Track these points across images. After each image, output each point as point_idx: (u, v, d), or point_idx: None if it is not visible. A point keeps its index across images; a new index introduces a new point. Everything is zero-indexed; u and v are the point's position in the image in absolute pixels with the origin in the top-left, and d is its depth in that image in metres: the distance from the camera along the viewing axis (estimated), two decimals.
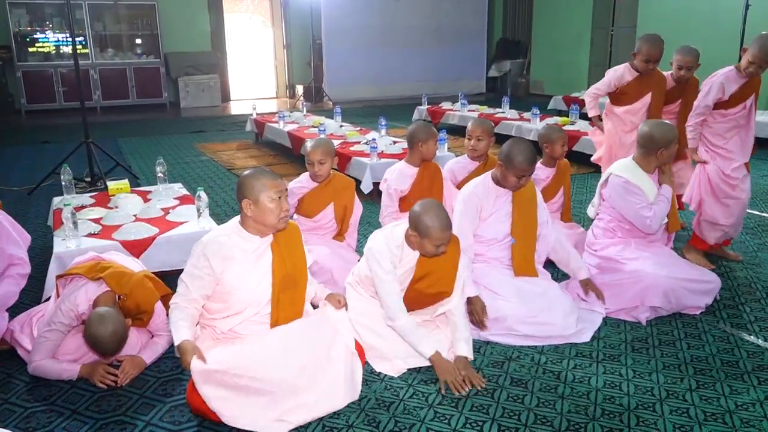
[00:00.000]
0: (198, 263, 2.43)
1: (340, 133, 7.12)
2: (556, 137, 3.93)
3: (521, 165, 3.11)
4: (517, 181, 3.17)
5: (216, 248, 2.44)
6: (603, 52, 12.68)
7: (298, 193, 3.65)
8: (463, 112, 9.10)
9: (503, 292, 3.10)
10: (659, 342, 3.00)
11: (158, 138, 9.35)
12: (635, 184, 3.31)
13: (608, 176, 3.43)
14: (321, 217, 3.64)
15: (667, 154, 3.31)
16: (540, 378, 2.69)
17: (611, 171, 3.43)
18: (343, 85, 13.70)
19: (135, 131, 9.95)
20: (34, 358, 2.68)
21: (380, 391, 2.60)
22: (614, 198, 3.38)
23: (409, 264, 2.77)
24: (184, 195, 4.55)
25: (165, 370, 2.78)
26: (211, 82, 13.20)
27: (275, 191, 2.45)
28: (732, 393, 2.56)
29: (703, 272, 3.34)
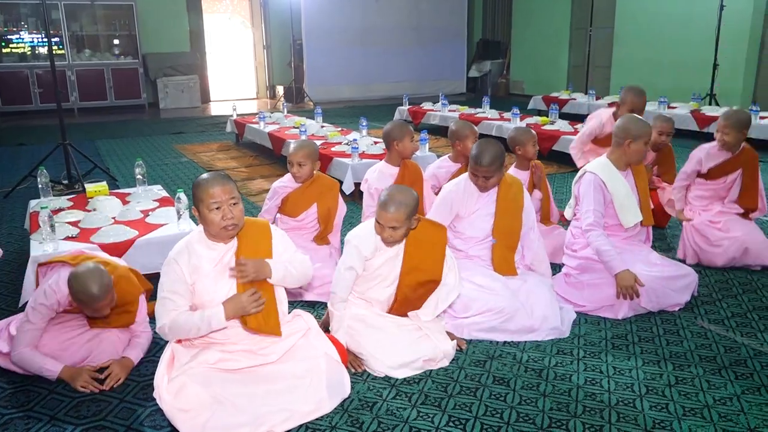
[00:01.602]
0: (173, 276, 2.39)
1: (321, 134, 7.11)
2: (525, 139, 3.92)
3: (473, 163, 3.16)
4: (476, 180, 3.19)
5: (185, 258, 2.41)
6: (581, 52, 12.81)
7: (281, 192, 3.67)
8: (443, 113, 9.13)
9: (488, 286, 3.11)
10: (639, 339, 3.03)
11: (137, 139, 9.26)
12: (601, 184, 3.36)
13: (583, 173, 3.48)
14: (304, 216, 3.65)
15: (635, 149, 3.34)
16: (522, 376, 2.71)
17: (586, 168, 3.48)
18: (323, 85, 13.68)
19: (113, 133, 9.85)
20: (17, 347, 2.65)
21: (363, 392, 2.60)
22: (581, 193, 3.43)
23: (387, 254, 2.78)
24: (164, 197, 4.52)
25: (146, 373, 2.75)
26: (191, 82, 13.10)
27: (213, 201, 2.35)
28: (710, 388, 2.60)
29: (680, 267, 3.39)
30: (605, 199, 3.40)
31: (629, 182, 3.44)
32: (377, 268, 2.81)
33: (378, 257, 2.80)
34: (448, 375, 2.72)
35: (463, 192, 3.28)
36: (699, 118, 8.16)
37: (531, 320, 3.03)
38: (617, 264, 3.22)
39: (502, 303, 3.02)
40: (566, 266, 3.52)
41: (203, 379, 2.34)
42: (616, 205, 3.39)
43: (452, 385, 2.65)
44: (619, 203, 3.39)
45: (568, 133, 7.00)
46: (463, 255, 3.32)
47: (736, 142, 3.84)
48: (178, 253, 2.42)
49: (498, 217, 3.27)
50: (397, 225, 2.66)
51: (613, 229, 3.45)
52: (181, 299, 2.39)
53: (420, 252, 2.79)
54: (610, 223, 3.45)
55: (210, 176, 2.43)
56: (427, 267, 2.80)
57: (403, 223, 2.66)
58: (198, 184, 2.42)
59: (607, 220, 3.44)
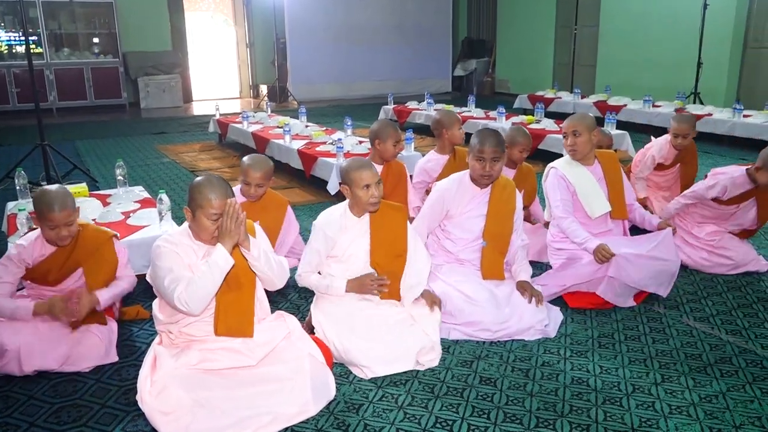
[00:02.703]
0: (169, 259, 2.40)
1: (305, 133, 7.09)
2: (516, 141, 3.95)
3: (478, 147, 3.14)
4: (482, 167, 3.17)
5: (173, 248, 2.44)
6: (567, 51, 12.88)
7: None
8: (429, 111, 9.14)
9: (475, 297, 3.11)
10: (625, 337, 3.06)
11: (118, 140, 9.18)
12: (562, 176, 3.45)
13: (548, 170, 3.56)
14: None
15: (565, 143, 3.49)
16: (509, 376, 2.72)
17: (550, 165, 3.58)
18: (307, 84, 13.65)
19: (93, 133, 9.75)
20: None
21: (349, 394, 2.59)
22: (548, 188, 3.52)
23: (354, 233, 2.92)
24: (145, 198, 4.48)
25: (127, 378, 2.73)
26: (172, 82, 13.01)
27: (213, 212, 2.37)
28: (696, 386, 2.63)
29: (664, 250, 3.31)
30: (569, 190, 3.48)
31: (596, 175, 3.51)
32: (347, 248, 2.95)
33: (345, 237, 2.93)
34: (434, 376, 2.72)
35: (456, 190, 3.29)
36: None
37: (518, 326, 3.04)
38: (591, 242, 3.30)
39: (487, 318, 3.03)
40: (553, 263, 3.56)
41: (185, 381, 2.33)
42: (579, 195, 3.46)
43: (439, 385, 2.65)
44: (583, 193, 3.46)
45: (554, 131, 7.04)
46: (453, 258, 3.33)
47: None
48: (168, 240, 2.46)
49: (489, 219, 3.26)
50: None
51: (584, 224, 3.48)
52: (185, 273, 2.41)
53: (383, 229, 2.98)
54: (578, 216, 3.50)
55: (215, 184, 2.40)
56: (392, 240, 2.98)
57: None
58: (200, 186, 2.39)
59: (575, 213, 3.50)
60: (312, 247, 2.96)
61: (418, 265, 3.03)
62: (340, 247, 2.96)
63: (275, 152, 6.76)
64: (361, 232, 2.98)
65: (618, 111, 8.69)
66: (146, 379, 2.37)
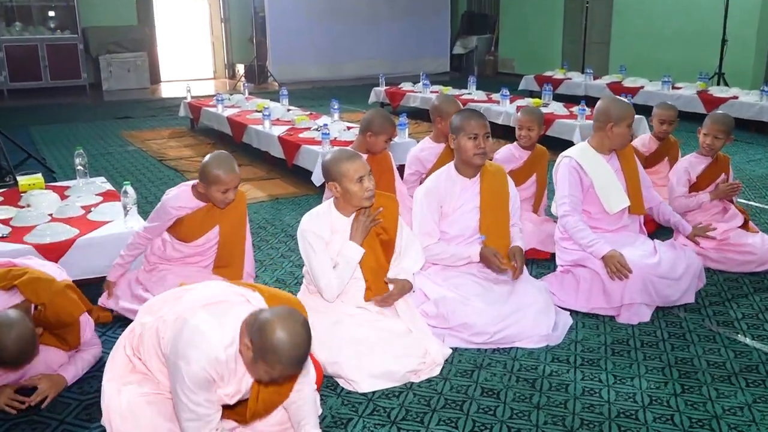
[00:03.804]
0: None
1: (287, 118, 7.07)
2: (525, 119, 4.08)
3: (464, 125, 3.17)
4: (474, 146, 3.17)
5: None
6: (578, 27, 12.90)
7: (176, 214, 3.19)
8: (425, 94, 9.14)
9: (470, 296, 3.13)
10: (641, 344, 3.08)
11: (77, 125, 9.13)
12: (577, 168, 3.43)
13: (561, 159, 3.56)
14: (204, 241, 3.28)
15: (618, 133, 3.41)
16: (513, 387, 2.73)
17: (564, 153, 3.57)
18: (289, 63, 13.60)
19: (49, 118, 9.69)
20: None
21: (336, 407, 2.60)
22: (558, 179, 3.51)
23: (347, 235, 2.89)
24: (108, 190, 4.47)
25: (89, 391, 2.72)
26: (138, 60, 12.93)
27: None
28: (719, 397, 2.65)
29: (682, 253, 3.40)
30: (583, 184, 3.47)
31: (613, 166, 3.51)
32: (338, 252, 2.90)
33: (336, 241, 2.89)
34: (431, 387, 2.73)
35: (444, 183, 3.29)
36: (706, 99, 8.28)
37: (518, 328, 3.06)
38: (600, 246, 3.30)
39: (481, 318, 3.04)
40: (560, 260, 3.56)
41: (161, 405, 2.30)
42: (597, 188, 3.46)
43: (436, 398, 2.66)
44: (600, 186, 3.45)
45: (563, 116, 7.05)
46: None
47: (721, 147, 4.02)
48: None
49: (484, 211, 3.28)
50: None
51: (599, 219, 3.50)
52: None
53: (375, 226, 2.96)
54: (594, 211, 3.51)
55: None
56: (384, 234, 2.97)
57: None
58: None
59: (590, 207, 3.50)
60: (314, 255, 2.85)
61: (408, 262, 3.05)
62: (331, 251, 2.92)
63: (253, 139, 6.74)
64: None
65: (634, 93, 8.72)
66: (112, 398, 2.32)
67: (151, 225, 3.25)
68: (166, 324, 2.17)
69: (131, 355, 2.39)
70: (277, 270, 4.02)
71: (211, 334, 2.04)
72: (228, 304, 2.16)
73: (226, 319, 2.08)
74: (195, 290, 2.31)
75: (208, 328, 2.04)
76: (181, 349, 2.04)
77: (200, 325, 2.05)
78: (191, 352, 2.02)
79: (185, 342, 2.04)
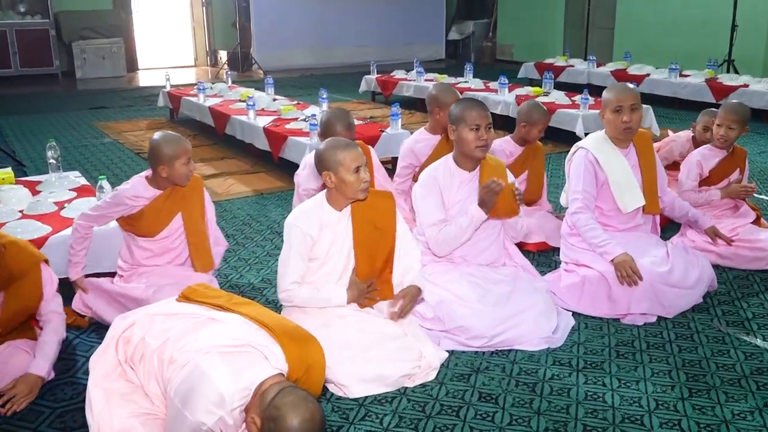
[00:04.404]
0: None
1: (272, 108, 7.06)
2: (536, 119, 4.09)
3: (465, 115, 3.17)
4: (475, 137, 3.17)
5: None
6: (580, 11, 12.93)
7: (132, 205, 3.20)
8: (419, 82, 9.14)
9: (468, 297, 3.13)
10: (647, 345, 3.09)
11: (49, 116, 9.10)
12: (593, 162, 3.43)
13: (575, 150, 3.56)
14: (168, 232, 3.29)
15: (608, 120, 3.41)
16: (512, 392, 2.74)
17: (578, 144, 3.56)
18: (275, 50, 13.57)
19: (19, 108, 9.65)
20: None
21: (326, 414, 2.59)
22: (571, 172, 3.51)
23: (338, 229, 2.91)
24: (83, 185, 4.46)
25: (63, 398, 2.72)
26: (114, 47, 12.89)
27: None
28: (728, 401, 2.67)
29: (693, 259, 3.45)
30: (597, 179, 3.46)
31: (631, 161, 3.50)
32: (328, 248, 2.91)
33: (325, 235, 2.89)
34: (426, 392, 2.74)
35: (443, 176, 3.30)
36: (715, 88, 8.32)
37: (518, 331, 3.07)
38: (612, 248, 3.30)
39: (479, 322, 3.04)
40: (565, 257, 3.58)
41: (155, 428, 2.28)
42: (611, 185, 3.45)
43: (431, 403, 2.67)
44: (616, 183, 3.44)
45: (565, 106, 7.08)
46: (446, 258, 3.35)
47: (736, 139, 3.98)
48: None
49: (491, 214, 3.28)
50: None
51: (611, 216, 3.51)
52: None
53: (369, 223, 2.97)
54: (606, 208, 3.52)
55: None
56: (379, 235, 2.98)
57: None
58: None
59: (603, 204, 3.51)
60: (292, 252, 2.88)
61: (408, 261, 3.06)
62: (321, 248, 2.93)
63: (237, 131, 6.73)
64: (343, 227, 2.96)
65: (640, 81, 8.75)
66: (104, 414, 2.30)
67: (93, 213, 3.27)
68: (175, 365, 2.15)
69: (123, 361, 2.39)
70: (263, 269, 4.02)
71: (224, 389, 2.03)
72: (247, 357, 2.14)
73: (243, 377, 2.06)
74: (211, 328, 2.27)
75: (222, 382, 2.04)
76: (189, 398, 2.04)
77: (214, 376, 2.05)
78: (199, 404, 2.02)
79: (196, 392, 2.04)
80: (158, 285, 3.12)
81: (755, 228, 4.01)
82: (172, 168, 3.12)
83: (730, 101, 4.22)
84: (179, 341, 2.22)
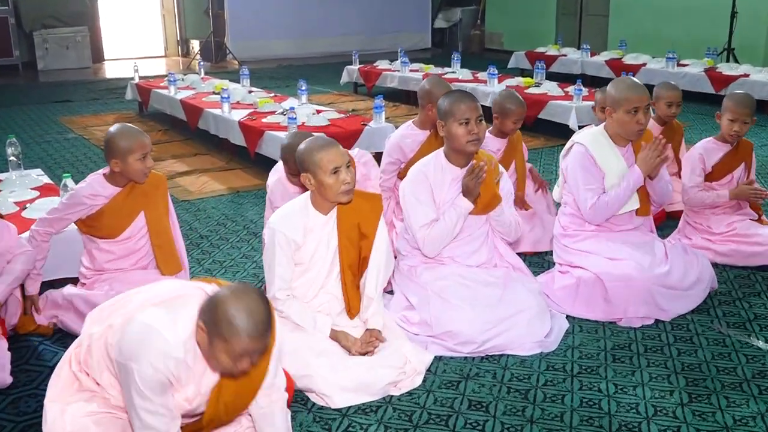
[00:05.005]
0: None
1: (248, 101, 7.03)
2: (509, 110, 4.01)
3: (454, 109, 3.15)
4: (466, 132, 3.15)
5: None
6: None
7: (91, 204, 3.17)
8: (403, 73, 9.14)
9: (457, 300, 3.14)
10: (645, 349, 3.11)
11: (9, 110, 9.03)
12: (593, 157, 3.40)
13: (571, 145, 3.55)
14: (131, 233, 3.28)
15: (618, 120, 3.34)
16: (504, 399, 2.75)
17: (574, 139, 3.55)
18: (251, 39, 13.52)
19: None
20: None
21: (307, 425, 2.60)
22: (568, 170, 3.49)
23: (323, 234, 2.89)
24: (46, 184, 4.43)
25: (26, 411, 2.70)
26: (78, 36, 12.79)
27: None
28: (729, 406, 2.69)
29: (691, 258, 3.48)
30: (597, 175, 3.44)
31: (628, 160, 3.46)
32: (312, 254, 2.89)
33: (310, 240, 2.87)
34: (412, 400, 2.75)
35: (434, 172, 3.29)
36: (715, 77, 8.37)
37: (510, 337, 3.08)
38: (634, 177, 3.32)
39: (469, 327, 3.05)
40: (558, 258, 3.59)
41: (110, 426, 2.27)
42: (606, 186, 3.43)
43: (418, 412, 2.67)
44: (611, 184, 3.43)
45: (558, 97, 7.10)
46: (434, 259, 3.35)
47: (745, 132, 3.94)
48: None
49: (477, 204, 3.28)
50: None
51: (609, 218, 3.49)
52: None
53: (354, 228, 2.94)
54: None
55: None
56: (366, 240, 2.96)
57: None
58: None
59: None
60: (276, 259, 2.85)
61: (374, 272, 3.00)
62: (305, 254, 2.90)
63: (211, 125, 6.69)
64: (328, 232, 2.92)
65: (636, 71, 8.79)
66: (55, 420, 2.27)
67: (50, 216, 3.25)
68: (114, 329, 2.15)
69: (78, 371, 2.35)
70: (238, 272, 4.01)
71: (164, 330, 2.02)
72: (184, 298, 2.14)
73: (182, 312, 2.06)
74: (146, 290, 2.30)
75: (161, 324, 2.03)
76: (132, 349, 2.01)
77: (152, 322, 2.03)
78: (143, 352, 1.99)
79: (136, 341, 2.02)
80: (122, 290, 3.10)
81: (753, 223, 4.04)
82: (126, 163, 3.08)
83: (736, 93, 4.13)
84: (117, 312, 2.23)
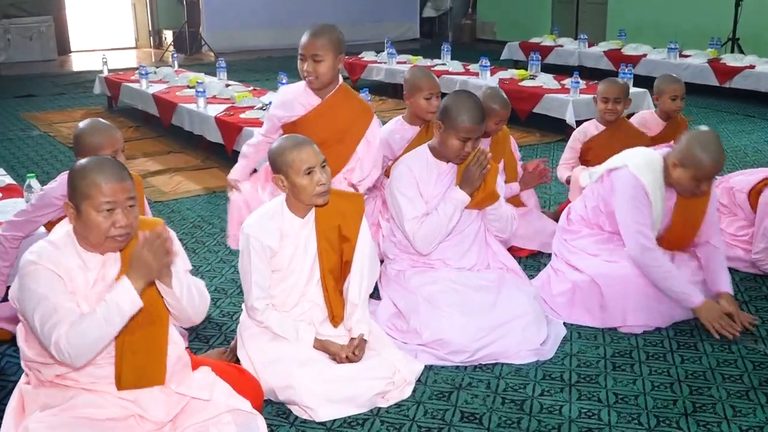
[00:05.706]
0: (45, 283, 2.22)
1: (225, 95, 7.02)
2: (493, 110, 3.96)
3: (460, 123, 3.14)
4: (459, 147, 3.19)
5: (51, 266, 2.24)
6: None
7: (60, 204, 3.05)
8: (390, 65, 9.16)
9: (447, 307, 3.15)
10: (646, 356, 3.13)
11: None
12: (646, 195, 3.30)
13: (622, 165, 3.39)
14: None
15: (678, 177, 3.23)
16: (498, 410, 2.76)
17: (628, 163, 3.37)
18: (228, 29, 13.50)
19: None
20: None
21: None
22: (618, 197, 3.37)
23: (301, 239, 2.88)
24: (8, 185, 4.40)
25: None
26: (43, 27, 12.76)
27: (106, 200, 2.21)
28: (736, 415, 2.71)
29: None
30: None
31: (669, 203, 3.38)
32: (290, 260, 2.88)
33: (286, 246, 2.86)
34: (401, 413, 2.75)
35: (418, 167, 3.31)
36: (719, 69, 8.43)
37: (504, 345, 3.09)
38: (697, 296, 3.25)
39: (459, 335, 3.06)
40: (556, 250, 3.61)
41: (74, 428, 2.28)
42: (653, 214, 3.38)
43: (407, 425, 2.67)
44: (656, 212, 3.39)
45: (554, 90, 7.13)
46: (421, 261, 3.37)
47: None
48: (41, 257, 2.25)
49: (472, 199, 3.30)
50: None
51: (616, 240, 3.46)
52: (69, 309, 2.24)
53: (334, 230, 2.93)
54: (614, 230, 3.45)
55: (104, 164, 2.30)
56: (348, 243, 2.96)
57: None
58: (83, 173, 2.25)
59: (614, 227, 3.44)
60: (252, 266, 2.83)
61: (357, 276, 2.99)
62: (282, 260, 2.89)
63: (185, 121, 6.68)
64: (305, 236, 2.91)
65: (635, 63, 8.82)
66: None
67: (18, 219, 3.21)
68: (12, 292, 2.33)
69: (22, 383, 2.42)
70: (215, 277, 4.00)
71: (46, 241, 2.31)
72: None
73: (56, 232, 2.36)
74: None
75: (43, 242, 2.30)
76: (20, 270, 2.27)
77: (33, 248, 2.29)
78: (26, 256, 2.25)
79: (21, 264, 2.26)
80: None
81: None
82: None
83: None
84: None
